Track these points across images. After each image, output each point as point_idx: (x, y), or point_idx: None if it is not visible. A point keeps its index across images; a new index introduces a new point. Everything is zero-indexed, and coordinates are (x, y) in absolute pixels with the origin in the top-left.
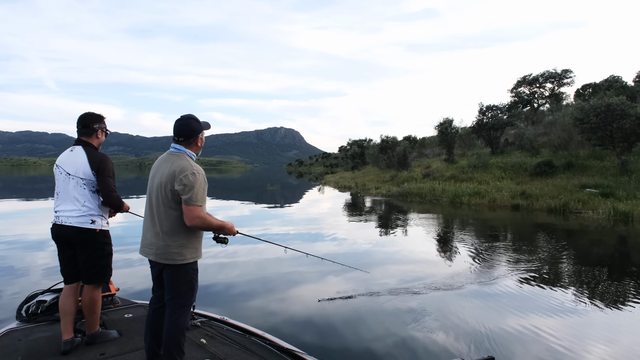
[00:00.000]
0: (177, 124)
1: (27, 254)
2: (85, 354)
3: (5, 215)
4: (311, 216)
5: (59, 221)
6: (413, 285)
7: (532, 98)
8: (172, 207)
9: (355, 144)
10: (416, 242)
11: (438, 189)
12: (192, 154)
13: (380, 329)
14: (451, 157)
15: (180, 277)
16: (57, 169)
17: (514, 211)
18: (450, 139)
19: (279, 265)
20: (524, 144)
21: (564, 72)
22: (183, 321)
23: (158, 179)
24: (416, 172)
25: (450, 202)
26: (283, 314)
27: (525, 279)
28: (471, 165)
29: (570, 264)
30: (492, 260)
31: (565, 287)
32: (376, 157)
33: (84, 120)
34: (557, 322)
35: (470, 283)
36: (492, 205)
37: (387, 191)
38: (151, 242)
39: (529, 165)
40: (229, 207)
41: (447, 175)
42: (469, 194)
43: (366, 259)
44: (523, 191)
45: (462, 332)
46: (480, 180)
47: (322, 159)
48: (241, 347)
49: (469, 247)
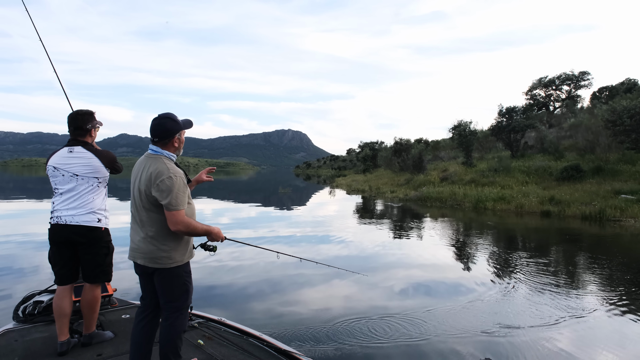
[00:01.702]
0: (152, 123)
1: (27, 254)
2: (82, 354)
3: (14, 215)
4: (329, 220)
5: (62, 221)
6: (427, 302)
7: (548, 101)
8: (154, 211)
9: (366, 147)
10: (449, 253)
11: (459, 193)
12: (171, 154)
13: (380, 330)
14: (469, 161)
15: (173, 280)
16: (57, 171)
17: (544, 218)
18: (469, 142)
19: (284, 269)
20: (546, 147)
21: (582, 74)
22: (180, 324)
23: (137, 183)
24: (433, 175)
25: (473, 208)
26: (282, 315)
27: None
28: (492, 169)
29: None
30: (549, 284)
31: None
32: (389, 160)
33: (76, 122)
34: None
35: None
36: (519, 211)
37: (404, 195)
38: (139, 247)
39: (555, 170)
40: (236, 209)
41: (466, 179)
42: (493, 199)
43: (386, 266)
44: (552, 197)
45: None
46: (502, 185)
47: (330, 161)
48: (238, 349)
49: (501, 259)
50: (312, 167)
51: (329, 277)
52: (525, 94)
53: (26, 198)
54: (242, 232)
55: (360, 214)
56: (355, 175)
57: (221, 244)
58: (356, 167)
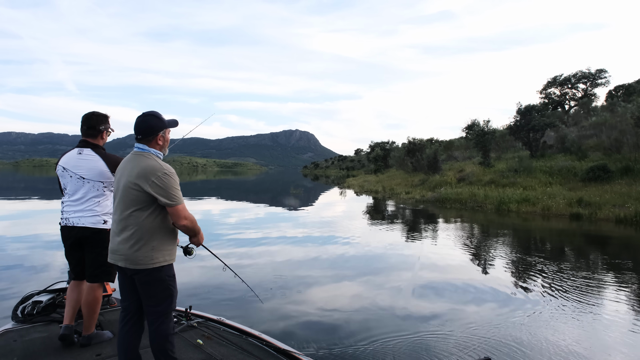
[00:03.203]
0: (137, 121)
1: (28, 254)
2: (81, 354)
3: (24, 215)
4: (351, 224)
5: (70, 223)
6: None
7: (563, 99)
8: (141, 208)
9: (377, 147)
10: (499, 269)
11: (479, 194)
12: (158, 152)
13: (378, 332)
14: (487, 161)
15: (156, 284)
16: (66, 171)
17: (574, 221)
18: (486, 142)
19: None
20: (568, 146)
21: (599, 72)
22: (165, 329)
23: (125, 180)
24: (449, 176)
25: (496, 210)
26: (281, 316)
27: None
28: (511, 169)
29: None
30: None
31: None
32: (402, 160)
33: (89, 121)
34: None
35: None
36: (545, 213)
37: (420, 196)
38: (118, 248)
39: (579, 170)
40: (258, 210)
41: (485, 179)
42: (517, 200)
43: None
44: (579, 198)
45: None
46: (524, 186)
47: (338, 161)
48: (238, 348)
49: (550, 271)
50: (320, 167)
51: (339, 279)
52: (540, 92)
53: (39, 198)
54: (275, 232)
55: (382, 219)
56: (367, 176)
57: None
58: (365, 168)
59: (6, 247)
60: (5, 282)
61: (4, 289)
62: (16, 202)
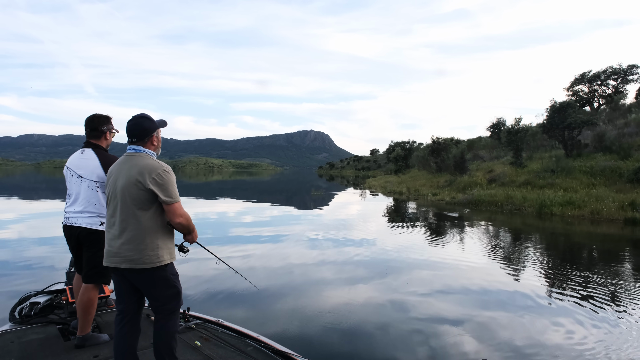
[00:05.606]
0: (129, 124)
1: (28, 254)
2: (78, 356)
3: (35, 215)
4: (391, 232)
5: (69, 222)
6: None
7: (591, 97)
8: (142, 207)
9: (397, 146)
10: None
11: (516, 196)
12: (153, 153)
13: (378, 332)
14: (519, 160)
15: (161, 283)
16: (68, 171)
17: (629, 226)
18: (519, 140)
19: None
20: (608, 144)
21: (630, 67)
22: (172, 325)
23: (122, 181)
24: (478, 176)
25: (537, 213)
26: (280, 316)
27: None
28: (547, 170)
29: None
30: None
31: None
32: (425, 160)
33: (92, 123)
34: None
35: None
36: (595, 218)
37: (450, 198)
38: (120, 251)
39: (625, 170)
40: (275, 212)
41: (519, 180)
42: (560, 203)
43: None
44: (632, 201)
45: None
46: (565, 187)
47: (354, 162)
48: (236, 350)
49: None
50: (335, 167)
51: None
52: (567, 90)
53: (59, 199)
54: (330, 236)
55: (422, 225)
56: (387, 176)
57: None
58: (382, 168)
59: (6, 247)
60: (4, 283)
61: (1, 290)
62: (38, 202)
